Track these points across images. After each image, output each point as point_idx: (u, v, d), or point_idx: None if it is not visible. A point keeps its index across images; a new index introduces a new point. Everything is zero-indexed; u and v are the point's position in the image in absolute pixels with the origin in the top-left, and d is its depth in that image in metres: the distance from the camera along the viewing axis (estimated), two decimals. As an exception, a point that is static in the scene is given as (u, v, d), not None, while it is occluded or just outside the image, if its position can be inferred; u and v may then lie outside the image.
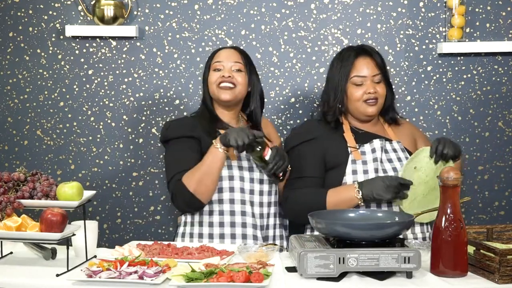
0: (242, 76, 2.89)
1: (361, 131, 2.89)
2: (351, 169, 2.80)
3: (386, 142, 2.87)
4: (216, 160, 2.70)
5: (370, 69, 2.84)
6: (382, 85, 2.86)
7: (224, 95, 2.86)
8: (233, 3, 3.42)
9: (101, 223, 3.44)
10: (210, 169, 2.70)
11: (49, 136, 3.46)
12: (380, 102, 2.85)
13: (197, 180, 2.69)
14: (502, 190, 3.48)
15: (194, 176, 2.70)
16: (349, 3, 3.42)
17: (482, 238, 2.47)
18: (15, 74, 3.45)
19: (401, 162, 2.82)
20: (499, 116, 3.46)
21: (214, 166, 2.70)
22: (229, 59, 2.90)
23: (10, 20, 3.43)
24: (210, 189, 2.73)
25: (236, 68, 2.89)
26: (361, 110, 2.85)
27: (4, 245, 2.55)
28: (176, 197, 2.75)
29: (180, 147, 2.82)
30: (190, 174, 2.72)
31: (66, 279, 2.22)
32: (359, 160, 2.81)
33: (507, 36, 3.42)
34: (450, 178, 2.26)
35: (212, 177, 2.71)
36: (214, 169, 2.71)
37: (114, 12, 3.35)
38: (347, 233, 2.27)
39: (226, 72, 2.87)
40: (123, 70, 3.44)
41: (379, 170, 2.80)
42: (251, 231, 2.78)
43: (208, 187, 2.72)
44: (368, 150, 2.83)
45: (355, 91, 2.84)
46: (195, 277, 2.14)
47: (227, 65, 2.88)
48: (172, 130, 2.87)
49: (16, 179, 2.47)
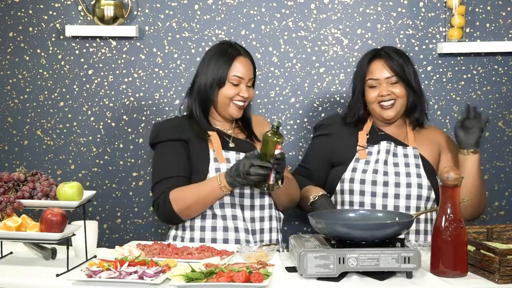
0: (252, 91, 2.84)
1: (381, 133, 2.92)
2: (352, 166, 2.86)
3: (399, 147, 2.88)
4: (213, 196, 2.67)
5: (384, 71, 2.86)
6: (399, 86, 2.86)
7: (236, 112, 2.81)
8: (233, 3, 3.42)
9: (101, 223, 3.44)
10: (203, 201, 2.67)
11: (49, 136, 3.46)
12: (399, 102, 2.86)
13: (186, 205, 2.66)
14: (502, 190, 3.48)
15: (185, 200, 2.66)
16: (349, 3, 3.42)
17: (482, 238, 2.46)
18: (15, 74, 3.45)
19: (407, 168, 2.83)
20: (499, 116, 3.46)
21: (209, 199, 2.67)
22: (248, 75, 2.80)
23: (10, 20, 3.43)
24: (195, 213, 2.71)
25: (249, 84, 2.83)
26: (378, 112, 2.89)
27: (4, 245, 2.55)
28: (158, 209, 2.71)
29: (166, 151, 2.78)
30: (181, 195, 2.67)
31: (66, 279, 2.22)
32: (362, 159, 2.86)
33: (507, 36, 3.42)
34: (450, 178, 2.26)
35: (203, 206, 2.69)
36: (208, 201, 2.68)
37: (114, 12, 3.35)
38: (347, 233, 2.27)
39: (245, 93, 2.79)
40: (123, 70, 3.44)
41: (379, 171, 2.81)
42: (243, 236, 2.72)
43: (194, 212, 2.70)
44: (375, 151, 2.87)
45: (370, 94, 2.88)
46: (195, 277, 2.14)
47: (245, 82, 2.80)
48: (159, 133, 2.83)
49: (16, 179, 2.47)
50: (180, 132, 2.79)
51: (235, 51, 2.81)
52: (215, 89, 2.79)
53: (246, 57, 2.83)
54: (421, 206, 2.80)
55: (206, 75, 2.80)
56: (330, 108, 3.44)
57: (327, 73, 3.44)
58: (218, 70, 2.78)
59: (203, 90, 2.81)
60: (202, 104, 2.82)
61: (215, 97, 2.80)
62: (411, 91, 2.87)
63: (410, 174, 2.82)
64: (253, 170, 2.53)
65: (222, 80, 2.78)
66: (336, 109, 3.42)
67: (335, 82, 3.44)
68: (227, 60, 2.79)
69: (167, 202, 2.67)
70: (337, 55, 3.43)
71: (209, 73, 2.80)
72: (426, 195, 2.81)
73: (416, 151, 2.88)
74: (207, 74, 2.80)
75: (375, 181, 2.80)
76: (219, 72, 2.78)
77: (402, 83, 2.86)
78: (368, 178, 2.81)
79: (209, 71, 2.79)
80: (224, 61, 2.78)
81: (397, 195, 2.78)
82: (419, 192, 2.80)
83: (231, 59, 2.79)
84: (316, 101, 3.44)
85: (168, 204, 2.67)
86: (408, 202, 2.79)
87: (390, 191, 2.79)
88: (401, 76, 2.85)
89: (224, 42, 2.89)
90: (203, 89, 2.81)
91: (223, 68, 2.78)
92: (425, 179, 2.81)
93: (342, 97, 3.43)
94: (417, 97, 2.89)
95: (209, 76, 2.79)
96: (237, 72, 2.78)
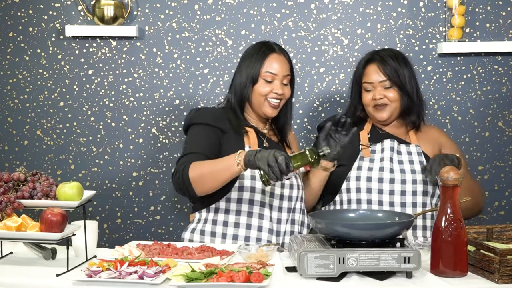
0: (289, 90, 2.84)
1: (382, 131, 2.96)
2: (357, 164, 2.88)
3: (402, 145, 2.91)
4: (228, 173, 2.57)
5: (378, 75, 2.89)
6: (393, 90, 2.89)
7: (270, 111, 2.81)
8: (233, 3, 3.42)
9: (101, 223, 3.44)
10: (218, 172, 2.58)
11: (49, 136, 3.46)
12: (392, 107, 2.90)
13: (200, 173, 2.59)
14: (502, 190, 3.48)
15: (201, 168, 2.60)
16: (349, 3, 3.42)
17: (482, 238, 2.46)
18: (15, 74, 3.45)
19: (412, 165, 2.86)
20: (499, 116, 3.46)
21: (222, 174, 2.58)
22: (282, 71, 2.80)
23: (10, 20, 3.43)
24: (206, 187, 2.61)
25: (285, 82, 2.82)
26: (373, 114, 2.93)
27: (4, 245, 2.55)
28: (176, 175, 2.65)
29: (200, 131, 2.76)
30: (199, 163, 2.62)
31: (66, 279, 2.22)
32: (367, 158, 2.89)
33: (507, 36, 3.42)
34: (450, 178, 2.26)
35: (215, 181, 2.60)
36: (221, 177, 2.58)
37: (114, 12, 3.35)
38: (347, 233, 2.27)
39: (279, 89, 2.79)
40: (123, 70, 3.44)
41: (385, 168, 2.84)
42: (266, 236, 2.73)
43: (206, 185, 2.61)
44: (378, 149, 2.91)
45: (365, 96, 2.93)
46: (195, 277, 2.14)
47: (279, 78, 2.80)
48: (197, 116, 2.81)
49: (16, 179, 2.47)
50: (218, 120, 2.79)
51: (269, 49, 2.84)
52: (249, 86, 2.81)
53: (280, 54, 2.84)
54: (427, 202, 2.84)
55: (241, 73, 2.83)
56: (330, 108, 3.44)
57: (327, 73, 3.44)
58: (252, 67, 2.81)
59: (238, 88, 2.83)
60: (239, 102, 2.83)
61: (250, 95, 2.81)
62: (405, 95, 2.89)
63: (415, 171, 2.85)
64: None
65: (255, 76, 2.80)
66: (336, 109, 3.42)
67: (335, 82, 3.44)
68: (260, 57, 2.81)
69: (185, 169, 2.61)
70: (337, 55, 3.44)
71: (243, 71, 2.83)
72: (431, 191, 2.85)
73: (419, 149, 2.91)
74: (242, 73, 2.83)
75: (382, 179, 2.83)
76: (252, 69, 2.80)
77: (396, 88, 2.89)
78: (375, 176, 2.84)
79: (243, 69, 2.83)
80: (257, 58, 2.81)
81: (404, 191, 2.82)
82: (425, 188, 2.83)
83: (263, 56, 2.81)
84: (316, 101, 3.44)
85: (186, 170, 2.61)
86: (414, 198, 2.82)
87: (396, 188, 2.82)
88: (394, 80, 2.88)
89: (260, 41, 2.93)
90: (239, 88, 2.83)
91: (256, 65, 2.80)
92: None
93: (342, 97, 3.43)
94: (412, 101, 2.91)
95: (243, 74, 2.82)
96: (270, 69, 2.80)
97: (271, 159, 2.42)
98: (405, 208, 2.80)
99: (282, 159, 2.41)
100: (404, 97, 2.90)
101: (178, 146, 3.44)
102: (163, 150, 3.45)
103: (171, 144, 3.45)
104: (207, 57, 3.43)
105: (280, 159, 2.41)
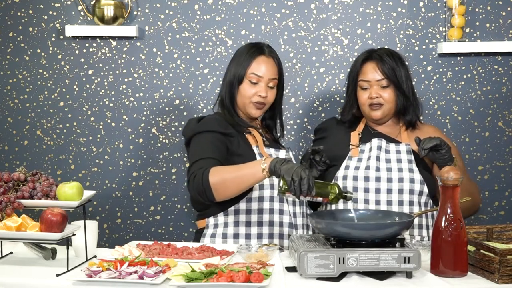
0: (273, 94, 2.85)
1: (374, 131, 2.97)
2: (345, 164, 2.88)
3: (391, 144, 2.91)
4: (252, 179, 2.54)
5: (375, 74, 2.89)
6: (389, 90, 2.89)
7: (254, 111, 2.83)
8: (233, 3, 3.42)
9: (101, 223, 3.44)
10: (241, 180, 2.54)
11: (49, 136, 3.46)
12: (386, 107, 2.90)
13: (223, 178, 2.54)
14: (502, 190, 3.48)
15: (223, 174, 2.55)
16: (349, 3, 3.42)
17: (482, 238, 2.46)
18: (15, 74, 3.45)
19: (399, 163, 2.85)
20: (499, 116, 3.46)
21: (246, 180, 2.54)
22: (268, 74, 2.81)
23: (10, 20, 3.43)
24: (228, 192, 2.58)
25: (271, 85, 2.83)
26: (367, 113, 2.93)
27: (4, 245, 2.55)
28: (194, 180, 2.58)
29: (208, 138, 2.73)
30: (221, 169, 2.58)
31: (66, 279, 2.22)
32: (355, 157, 2.89)
33: (507, 36, 3.42)
34: (450, 178, 2.26)
35: (237, 187, 2.56)
36: (245, 183, 2.55)
37: (114, 12, 3.35)
38: (347, 233, 2.27)
39: (263, 92, 2.80)
40: (123, 70, 3.44)
41: (371, 167, 2.84)
42: (287, 231, 2.75)
43: (228, 191, 2.57)
44: (367, 148, 2.90)
45: (361, 95, 2.93)
46: (195, 277, 2.14)
47: (265, 81, 2.81)
48: (202, 125, 2.77)
49: (16, 179, 2.47)
50: (224, 127, 2.78)
51: (258, 50, 2.85)
52: (235, 86, 2.82)
53: (269, 57, 2.85)
54: (414, 200, 2.82)
55: (230, 71, 2.86)
56: (330, 108, 3.44)
57: (327, 73, 3.44)
58: (239, 66, 2.82)
59: (228, 87, 2.84)
60: (230, 99, 2.84)
61: (236, 94, 2.83)
62: (401, 94, 2.90)
63: (402, 169, 2.84)
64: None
65: (241, 76, 2.81)
66: (336, 109, 3.42)
67: (335, 82, 3.44)
68: (248, 57, 2.83)
69: (205, 173, 2.56)
70: (337, 55, 3.44)
71: (232, 69, 2.85)
72: (418, 189, 2.82)
73: (408, 147, 2.90)
74: (231, 71, 2.85)
75: (368, 177, 2.83)
76: (239, 68, 2.82)
77: (392, 87, 2.89)
78: (361, 175, 2.83)
79: (232, 67, 2.85)
80: (245, 58, 2.83)
81: (390, 190, 2.81)
82: (411, 187, 2.82)
83: (251, 56, 2.82)
84: (316, 101, 3.44)
85: (206, 175, 2.55)
86: (400, 196, 2.81)
87: (382, 186, 2.81)
88: (391, 79, 2.88)
89: (252, 42, 2.95)
90: (229, 86, 2.84)
91: (243, 65, 2.82)
92: (418, 173, 2.83)
93: (342, 97, 3.43)
94: (408, 100, 2.91)
95: (232, 73, 2.84)
96: (256, 70, 2.81)
97: (297, 173, 2.40)
98: (391, 206, 2.79)
99: (307, 179, 2.39)
100: (400, 97, 2.90)
101: (178, 146, 3.44)
102: (163, 150, 3.45)
103: (171, 144, 3.45)
104: (207, 57, 3.43)
105: (304, 179, 2.39)
